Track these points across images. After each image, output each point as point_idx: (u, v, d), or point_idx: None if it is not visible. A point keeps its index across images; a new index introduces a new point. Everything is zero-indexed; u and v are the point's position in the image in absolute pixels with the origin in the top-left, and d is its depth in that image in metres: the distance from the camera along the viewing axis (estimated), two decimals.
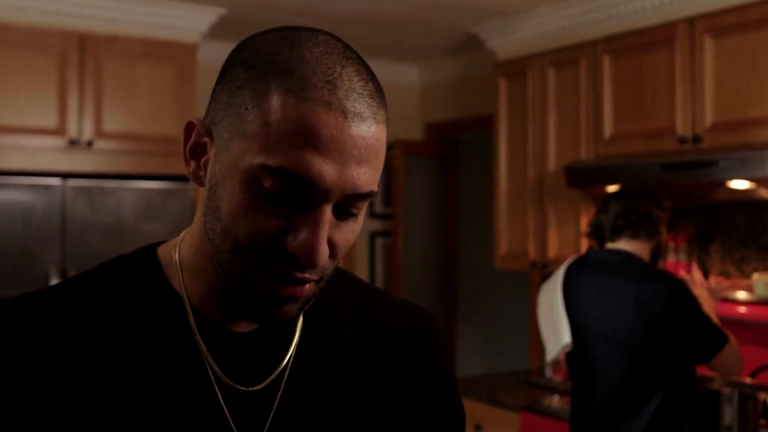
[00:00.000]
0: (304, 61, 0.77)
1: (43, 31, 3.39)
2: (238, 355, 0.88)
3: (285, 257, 0.78)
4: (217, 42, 4.08)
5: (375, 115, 0.79)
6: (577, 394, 2.79)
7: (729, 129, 2.97)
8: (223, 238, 0.80)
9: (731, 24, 2.97)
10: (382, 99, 0.81)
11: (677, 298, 2.51)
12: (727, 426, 2.85)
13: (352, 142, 0.76)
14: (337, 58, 0.78)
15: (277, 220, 0.78)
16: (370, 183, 0.79)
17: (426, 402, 0.97)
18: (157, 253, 0.92)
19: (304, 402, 0.89)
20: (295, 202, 0.77)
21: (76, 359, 0.83)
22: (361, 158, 0.77)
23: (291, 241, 0.78)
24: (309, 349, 0.92)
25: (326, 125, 0.75)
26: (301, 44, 0.78)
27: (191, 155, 0.84)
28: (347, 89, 0.77)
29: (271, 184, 0.76)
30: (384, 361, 0.95)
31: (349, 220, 0.81)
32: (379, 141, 0.79)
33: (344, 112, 0.76)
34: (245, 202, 0.78)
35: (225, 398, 0.86)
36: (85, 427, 0.82)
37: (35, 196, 3.31)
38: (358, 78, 0.78)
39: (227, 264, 0.81)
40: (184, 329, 0.87)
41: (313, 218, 0.77)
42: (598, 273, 2.66)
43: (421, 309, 1.02)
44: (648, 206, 2.63)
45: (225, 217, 0.79)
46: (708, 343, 2.54)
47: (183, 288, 0.88)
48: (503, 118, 3.96)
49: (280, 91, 0.76)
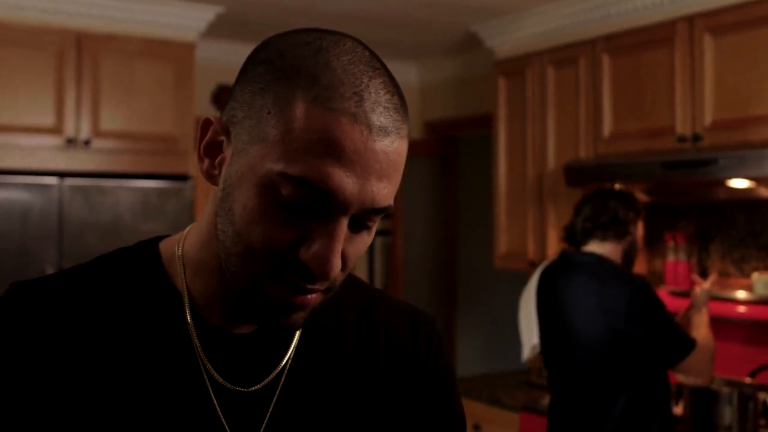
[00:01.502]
0: (330, 69, 0.75)
1: (40, 30, 3.38)
2: (235, 356, 0.87)
3: (297, 267, 0.77)
4: (216, 41, 4.07)
5: (399, 130, 0.77)
6: (553, 394, 2.81)
7: (729, 128, 2.95)
8: (234, 241, 0.78)
9: (731, 22, 2.96)
10: (405, 113, 0.80)
11: (640, 301, 2.52)
12: (726, 426, 2.84)
13: (375, 156, 0.75)
14: (365, 68, 0.77)
15: (292, 230, 0.76)
16: (389, 198, 0.78)
17: (427, 407, 0.96)
18: (159, 248, 0.91)
19: (301, 404, 0.88)
20: (312, 213, 0.76)
21: (69, 352, 0.82)
22: (382, 173, 0.76)
23: (305, 252, 0.76)
24: (308, 350, 0.90)
25: (351, 138, 0.74)
26: (328, 50, 0.77)
27: (206, 153, 0.82)
28: (374, 102, 0.75)
29: (290, 192, 0.75)
30: (385, 365, 0.94)
31: (362, 233, 0.80)
32: (400, 156, 0.78)
33: (369, 125, 0.75)
34: (260, 208, 0.76)
35: (219, 399, 0.85)
36: (74, 421, 0.81)
37: (32, 195, 3.30)
38: (385, 91, 0.77)
39: (236, 268, 0.79)
40: (180, 327, 0.86)
41: (329, 230, 0.76)
42: (570, 275, 2.69)
43: (422, 312, 1.01)
44: (616, 208, 2.65)
45: (238, 220, 0.78)
46: (672, 348, 2.54)
47: (184, 285, 0.87)
48: (502, 116, 3.95)
49: (305, 98, 0.74)
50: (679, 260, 3.36)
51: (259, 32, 4.11)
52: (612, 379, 2.57)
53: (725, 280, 3.32)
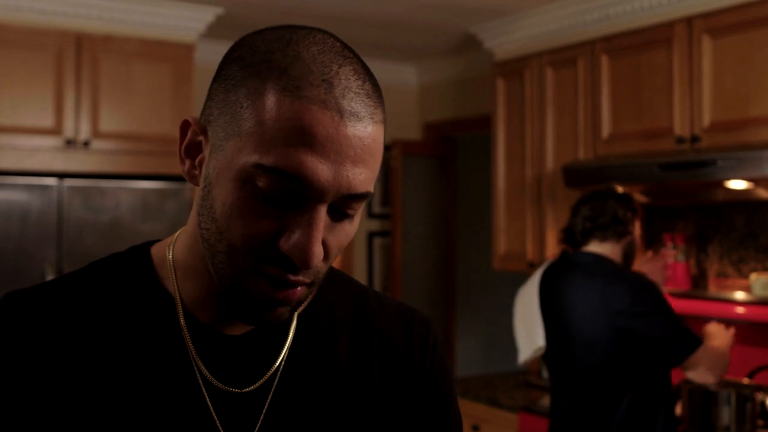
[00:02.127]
0: (300, 60, 0.76)
1: (39, 31, 3.38)
2: (229, 357, 0.87)
3: (278, 259, 0.77)
4: (215, 42, 4.07)
5: (372, 115, 0.77)
6: (555, 394, 2.80)
7: (727, 129, 2.96)
8: (218, 239, 0.79)
9: (729, 23, 2.96)
10: (379, 99, 0.80)
11: (643, 298, 2.52)
12: (724, 426, 2.85)
13: (348, 141, 0.75)
14: (334, 57, 0.77)
15: (271, 221, 0.77)
16: (366, 183, 0.78)
17: (424, 407, 0.96)
18: (151, 253, 0.91)
19: (295, 405, 0.88)
20: (290, 202, 0.76)
21: (64, 357, 0.83)
22: (357, 158, 0.76)
23: (285, 242, 0.76)
24: (302, 351, 0.90)
25: (322, 124, 0.74)
26: (298, 42, 0.77)
27: (186, 154, 0.83)
28: (344, 88, 0.76)
29: (266, 183, 0.75)
30: (380, 365, 0.94)
31: (344, 222, 0.80)
32: (375, 141, 0.78)
33: (340, 111, 0.75)
34: (239, 202, 0.76)
35: (213, 400, 0.85)
36: (70, 425, 0.81)
37: (32, 196, 3.30)
38: (356, 77, 0.77)
39: (222, 265, 0.80)
40: (173, 330, 0.86)
41: (307, 219, 0.76)
42: (572, 275, 2.69)
43: (417, 312, 1.01)
44: (615, 208, 2.66)
45: (219, 217, 0.78)
46: (677, 345, 2.53)
47: (176, 288, 0.87)
48: (501, 117, 3.95)
49: (275, 89, 0.75)
50: (678, 261, 3.36)
51: None
52: (615, 379, 2.57)
53: (724, 281, 3.32)
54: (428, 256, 5.05)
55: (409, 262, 4.94)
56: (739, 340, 3.20)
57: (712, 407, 2.85)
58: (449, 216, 5.14)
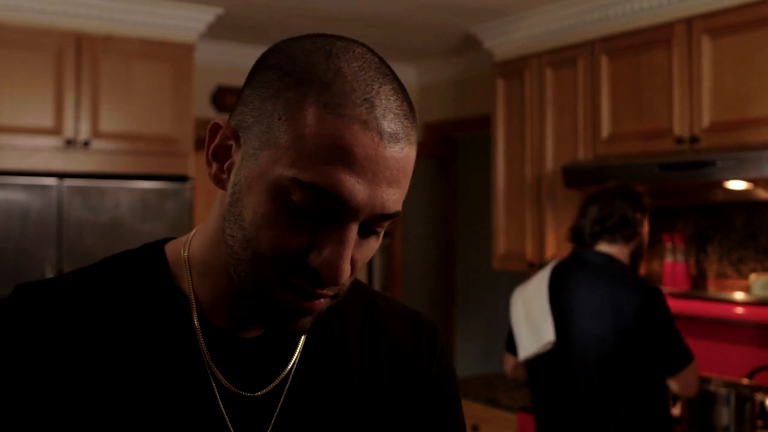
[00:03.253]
0: (341, 76, 0.75)
1: (39, 31, 3.39)
2: (242, 360, 0.87)
3: (306, 273, 0.77)
4: (215, 42, 4.07)
5: (408, 137, 0.78)
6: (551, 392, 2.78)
7: (726, 129, 2.96)
8: (244, 247, 0.78)
9: (729, 24, 2.96)
10: (414, 119, 0.80)
11: (651, 306, 2.53)
12: (724, 427, 2.85)
13: (386, 163, 0.76)
14: (375, 75, 0.77)
15: (302, 235, 0.76)
16: (398, 203, 0.79)
17: (429, 412, 0.96)
18: (165, 251, 0.91)
19: (306, 409, 0.88)
20: (322, 219, 0.76)
21: (74, 354, 0.82)
22: (392, 179, 0.77)
23: (315, 257, 0.76)
24: (313, 355, 0.91)
25: (362, 144, 0.74)
26: (338, 56, 0.77)
27: (214, 157, 0.82)
28: (384, 109, 0.76)
29: (301, 198, 0.75)
30: (388, 370, 0.94)
31: (370, 238, 0.81)
32: (410, 162, 0.79)
33: (380, 132, 0.75)
34: (271, 214, 0.76)
35: (225, 403, 0.85)
36: (80, 423, 0.81)
37: (32, 196, 3.30)
38: (395, 98, 0.77)
39: (245, 273, 0.79)
40: (187, 331, 0.85)
41: (339, 236, 0.76)
42: (582, 274, 2.68)
43: (424, 316, 1.01)
44: (624, 209, 2.64)
45: (248, 226, 0.78)
46: (673, 358, 2.57)
47: (191, 288, 0.87)
48: (501, 118, 3.96)
49: (316, 104, 0.74)
50: (677, 262, 3.37)
51: (258, 34, 4.12)
52: (616, 380, 2.56)
53: (723, 281, 3.33)
54: (428, 256, 5.05)
55: (409, 262, 4.94)
56: (739, 341, 3.21)
57: (711, 408, 2.85)
58: (449, 216, 5.14)
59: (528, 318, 2.80)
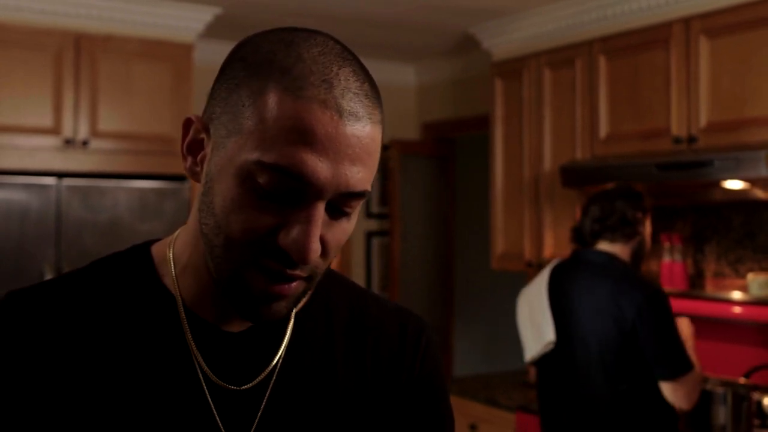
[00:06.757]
0: (301, 61, 0.78)
1: (38, 31, 3.39)
2: (229, 354, 0.88)
3: (276, 253, 0.79)
4: (214, 41, 4.08)
5: (370, 115, 0.79)
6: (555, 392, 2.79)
7: (724, 129, 2.97)
8: (216, 233, 0.80)
9: (726, 24, 2.97)
10: (377, 100, 0.82)
11: (653, 308, 2.52)
12: (721, 426, 2.86)
13: (347, 140, 0.77)
14: (334, 59, 0.79)
15: (270, 217, 0.78)
16: (364, 182, 0.80)
17: (413, 409, 0.97)
18: (151, 251, 0.93)
19: (291, 402, 0.90)
20: (289, 199, 0.78)
21: (66, 355, 0.84)
22: (355, 157, 0.78)
23: (283, 237, 0.78)
24: (299, 350, 0.92)
25: (321, 123, 0.76)
26: (299, 44, 0.79)
27: (188, 151, 0.85)
28: (343, 88, 0.78)
29: (266, 180, 0.77)
30: (373, 365, 0.96)
31: (341, 220, 0.82)
32: (373, 141, 0.80)
33: (340, 110, 0.77)
34: (239, 198, 0.78)
35: (213, 397, 0.86)
36: (72, 422, 0.83)
37: (31, 195, 3.31)
38: (355, 78, 0.79)
39: (219, 259, 0.81)
40: (175, 328, 0.87)
41: (306, 215, 0.78)
42: (583, 274, 2.69)
43: (412, 314, 1.02)
44: (624, 209, 2.64)
45: (218, 212, 0.80)
46: (672, 363, 2.52)
47: (176, 286, 0.89)
48: (499, 118, 3.96)
49: (276, 89, 0.77)
50: (675, 261, 3.37)
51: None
52: (618, 379, 2.56)
53: (721, 281, 3.33)
54: (427, 255, 5.06)
55: (408, 261, 4.95)
56: (736, 340, 3.22)
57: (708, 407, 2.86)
58: (447, 216, 5.15)
59: (531, 319, 2.80)
